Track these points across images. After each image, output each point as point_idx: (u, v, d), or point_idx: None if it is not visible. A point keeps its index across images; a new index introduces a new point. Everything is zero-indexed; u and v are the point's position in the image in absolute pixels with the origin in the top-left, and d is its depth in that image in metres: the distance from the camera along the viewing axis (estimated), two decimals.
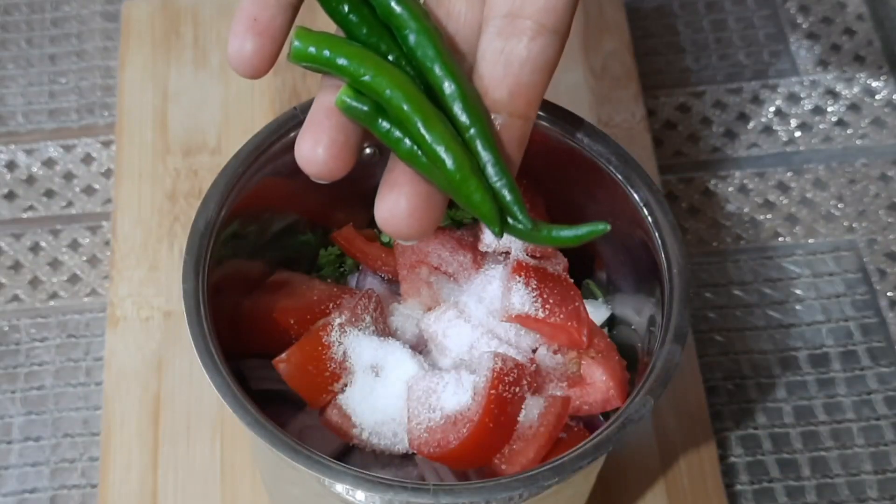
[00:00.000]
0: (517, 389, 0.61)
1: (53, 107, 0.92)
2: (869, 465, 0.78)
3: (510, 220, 0.52)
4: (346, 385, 0.64)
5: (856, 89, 0.93)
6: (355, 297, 0.66)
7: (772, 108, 0.93)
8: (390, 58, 0.51)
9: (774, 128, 0.92)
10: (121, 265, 0.82)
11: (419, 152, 0.50)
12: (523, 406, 0.61)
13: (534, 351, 0.65)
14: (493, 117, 0.51)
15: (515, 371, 0.61)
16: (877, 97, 0.93)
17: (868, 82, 0.94)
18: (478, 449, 0.60)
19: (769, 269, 0.86)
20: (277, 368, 0.63)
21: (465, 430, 0.60)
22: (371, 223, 0.72)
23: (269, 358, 0.64)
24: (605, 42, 0.92)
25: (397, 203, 0.50)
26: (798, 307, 0.84)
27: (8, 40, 0.95)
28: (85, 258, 0.85)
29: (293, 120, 0.64)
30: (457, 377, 0.62)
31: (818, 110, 0.92)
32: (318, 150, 0.50)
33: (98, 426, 0.79)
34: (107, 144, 0.90)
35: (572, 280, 0.67)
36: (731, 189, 0.89)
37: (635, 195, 0.63)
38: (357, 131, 0.51)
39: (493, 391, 0.60)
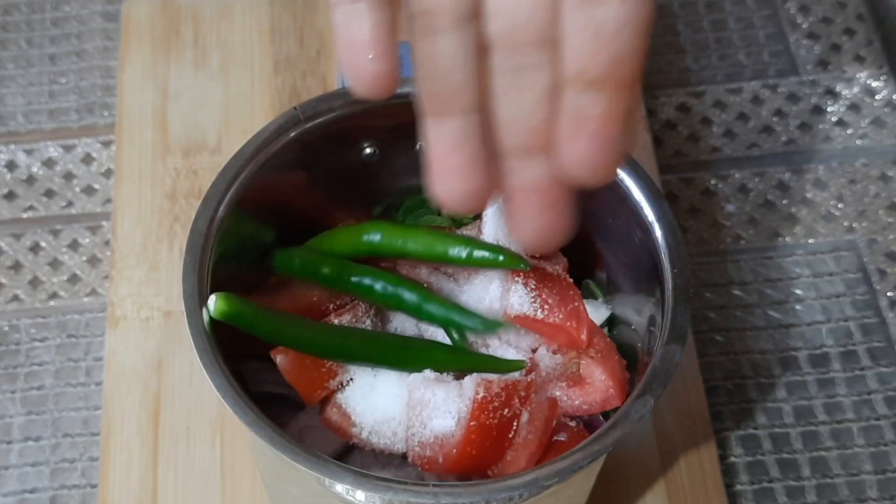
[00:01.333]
0: (506, 412, 0.60)
1: (53, 107, 0.92)
2: (869, 465, 0.78)
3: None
4: (341, 383, 0.64)
5: (856, 89, 0.93)
6: (356, 301, 0.66)
7: (772, 108, 0.93)
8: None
9: (774, 128, 0.92)
10: (121, 265, 0.82)
11: None
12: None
13: (533, 351, 0.65)
14: (591, 97, 0.47)
15: (503, 395, 0.60)
16: (877, 97, 0.93)
17: (868, 82, 0.94)
18: (466, 469, 0.60)
19: (769, 269, 0.86)
20: (275, 360, 0.63)
21: (452, 452, 0.60)
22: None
23: (269, 360, 0.64)
24: None
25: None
26: (798, 307, 0.84)
27: (8, 40, 0.95)
28: (85, 258, 0.85)
29: (293, 119, 0.64)
30: (444, 396, 0.61)
31: (818, 110, 0.93)
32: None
33: (98, 426, 0.79)
34: (107, 144, 0.90)
35: (572, 280, 0.67)
36: (730, 189, 0.89)
37: (635, 195, 0.63)
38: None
39: (473, 422, 0.59)
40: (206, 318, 0.59)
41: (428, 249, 0.65)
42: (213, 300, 0.59)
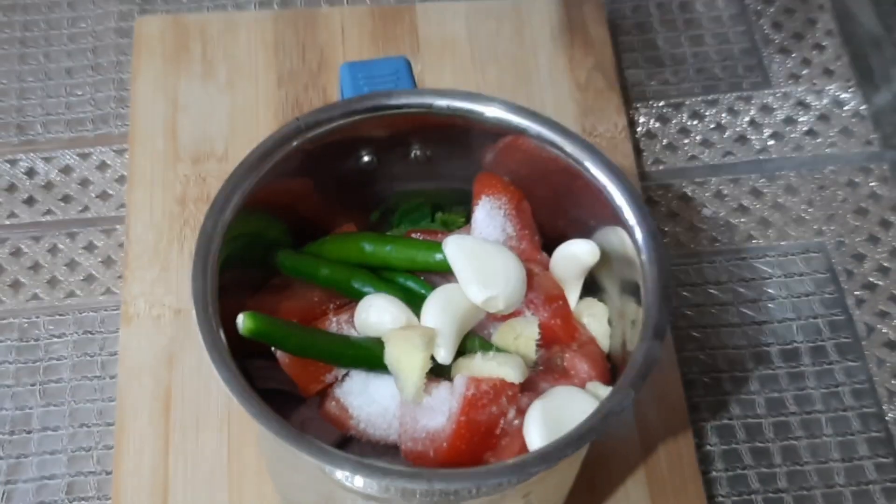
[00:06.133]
0: (494, 409, 0.60)
1: (70, 117, 0.92)
2: (836, 454, 0.79)
3: None
4: (337, 377, 0.64)
5: (825, 101, 0.94)
6: (353, 301, 0.66)
7: (746, 119, 0.93)
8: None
9: (748, 137, 0.92)
10: (134, 266, 0.83)
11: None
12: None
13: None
14: None
15: (491, 392, 0.60)
16: (845, 108, 0.93)
17: (837, 94, 0.94)
18: (455, 463, 0.60)
19: (743, 269, 0.86)
20: (276, 353, 0.63)
21: (442, 446, 0.60)
22: (371, 227, 0.72)
23: (273, 359, 0.64)
24: (589, 57, 0.92)
25: None
26: (770, 305, 0.84)
27: (28, 55, 0.95)
28: (100, 259, 0.85)
29: (295, 129, 0.64)
30: (436, 394, 0.61)
31: (790, 120, 0.93)
32: None
33: (112, 417, 0.79)
34: (120, 152, 0.90)
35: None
36: (707, 194, 0.89)
37: (617, 200, 0.63)
38: None
39: (462, 418, 0.60)
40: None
41: (410, 259, 0.66)
42: (241, 318, 0.59)
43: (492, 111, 0.66)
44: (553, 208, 0.69)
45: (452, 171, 0.70)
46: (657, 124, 0.92)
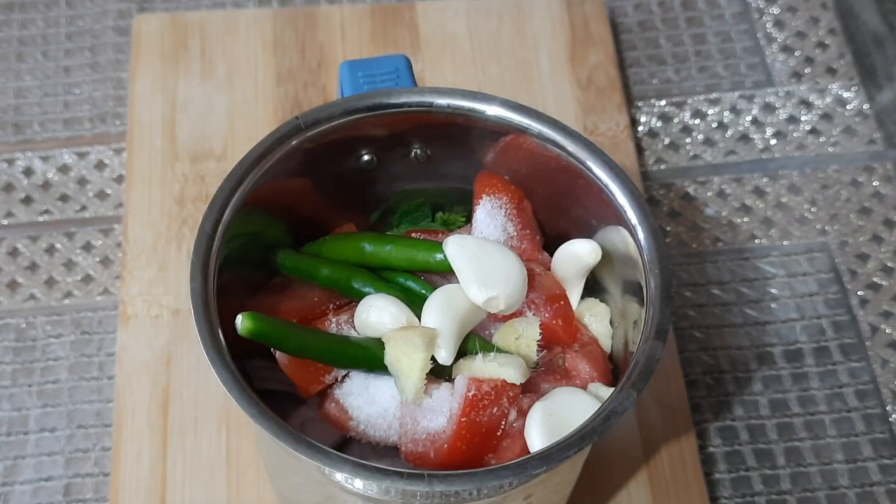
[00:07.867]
0: (494, 410, 0.60)
1: (68, 116, 0.92)
2: (840, 455, 0.78)
3: None
4: (337, 378, 0.64)
5: (828, 100, 0.94)
6: (353, 301, 0.66)
7: (748, 118, 0.93)
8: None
9: (751, 136, 0.92)
10: (132, 266, 0.82)
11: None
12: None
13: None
14: None
15: (492, 394, 0.60)
16: (848, 107, 0.93)
17: (840, 93, 0.94)
18: (455, 464, 0.60)
19: (746, 269, 0.86)
20: (275, 354, 0.63)
21: (443, 447, 0.60)
22: (371, 227, 0.72)
23: (272, 359, 0.64)
24: (591, 55, 0.92)
25: None
26: (773, 305, 0.84)
27: (25, 53, 0.95)
28: (98, 259, 0.85)
29: (295, 128, 0.64)
30: (436, 395, 0.61)
31: (792, 119, 0.93)
32: None
33: (110, 418, 0.79)
34: (118, 151, 0.90)
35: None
36: (709, 194, 0.89)
37: (619, 199, 0.63)
38: None
39: (463, 419, 0.60)
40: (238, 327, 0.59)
41: (410, 259, 0.66)
42: (239, 319, 0.59)
43: (493, 110, 0.65)
44: (554, 208, 0.69)
45: (453, 171, 0.70)
46: (659, 123, 0.92)
